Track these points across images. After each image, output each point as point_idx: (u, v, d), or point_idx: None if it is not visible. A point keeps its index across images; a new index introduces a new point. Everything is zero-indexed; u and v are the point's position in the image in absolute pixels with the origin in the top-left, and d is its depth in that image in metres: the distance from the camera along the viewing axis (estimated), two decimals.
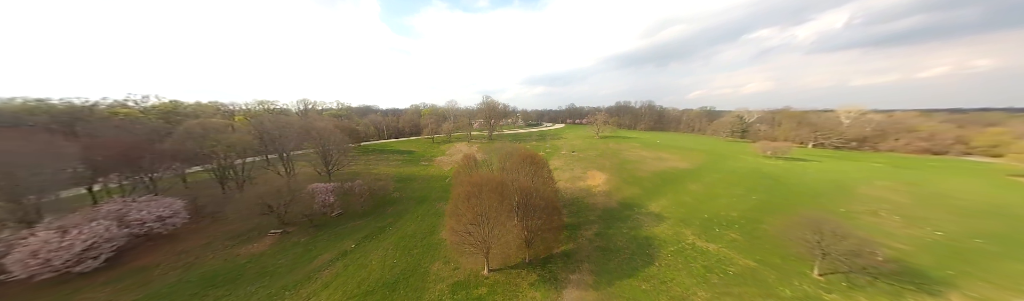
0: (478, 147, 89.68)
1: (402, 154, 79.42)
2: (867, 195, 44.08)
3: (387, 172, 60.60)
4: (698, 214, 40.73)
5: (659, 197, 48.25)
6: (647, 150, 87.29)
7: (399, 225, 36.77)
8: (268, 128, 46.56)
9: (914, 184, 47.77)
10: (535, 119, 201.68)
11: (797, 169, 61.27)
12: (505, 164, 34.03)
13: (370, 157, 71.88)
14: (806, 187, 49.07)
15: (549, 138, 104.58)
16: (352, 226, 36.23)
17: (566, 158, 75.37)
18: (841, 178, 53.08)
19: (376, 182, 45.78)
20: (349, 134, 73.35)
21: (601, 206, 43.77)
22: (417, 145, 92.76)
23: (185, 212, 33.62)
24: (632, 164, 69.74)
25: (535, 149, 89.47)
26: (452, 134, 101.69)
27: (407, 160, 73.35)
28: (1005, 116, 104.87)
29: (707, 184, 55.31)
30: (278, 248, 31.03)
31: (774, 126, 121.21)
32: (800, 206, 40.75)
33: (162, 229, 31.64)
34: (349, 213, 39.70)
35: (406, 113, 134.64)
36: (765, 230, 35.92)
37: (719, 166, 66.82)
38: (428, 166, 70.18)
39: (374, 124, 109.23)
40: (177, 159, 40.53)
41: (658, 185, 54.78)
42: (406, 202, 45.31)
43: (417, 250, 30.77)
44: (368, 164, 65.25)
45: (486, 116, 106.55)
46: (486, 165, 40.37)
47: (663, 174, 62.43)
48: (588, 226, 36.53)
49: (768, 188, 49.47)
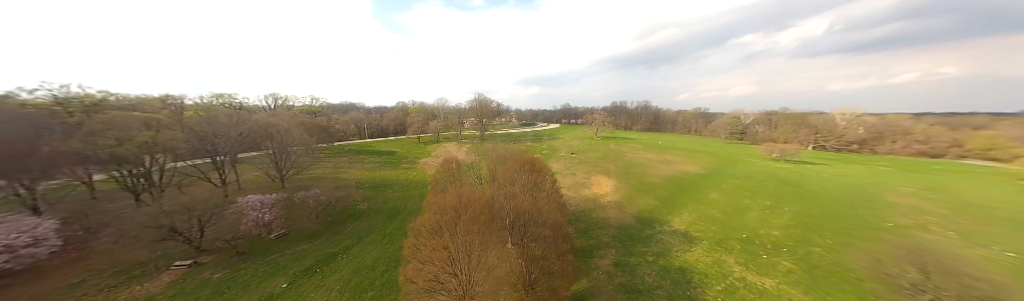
0: (468, 148, 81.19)
1: (382, 155, 70.39)
2: (900, 204, 39.96)
3: (359, 177, 51.69)
4: (733, 233, 33.14)
5: (680, 209, 40.58)
6: (651, 152, 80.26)
7: (357, 251, 28.10)
8: (196, 124, 37.34)
9: (935, 190, 45.17)
10: (530, 119, 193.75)
11: (811, 173, 57.48)
12: (497, 171, 25.77)
13: (343, 159, 62.72)
14: (833, 195, 43.84)
15: (545, 138, 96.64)
16: (293, 253, 27.43)
17: (566, 161, 67.38)
18: (860, 184, 49.63)
19: (338, 191, 37.05)
20: (319, 132, 64.19)
21: (614, 222, 35.77)
22: (401, 145, 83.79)
23: (56, 237, 24.41)
24: (639, 168, 62.17)
25: (531, 150, 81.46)
26: (441, 133, 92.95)
27: (386, 162, 64.41)
28: (990, 119, 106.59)
29: (727, 192, 48.26)
30: (177, 289, 22.14)
31: (772, 128, 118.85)
32: (841, 220, 35.13)
33: (14, 264, 22.48)
34: (295, 234, 30.82)
35: (392, 111, 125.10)
36: (821, 255, 28.91)
37: (731, 170, 60.93)
38: (409, 169, 61.43)
39: (355, 122, 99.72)
40: (79, 163, 31.28)
41: (674, 194, 47.19)
42: (374, 216, 36.59)
43: (374, 291, 22.25)
44: (338, 167, 56.14)
45: (478, 114, 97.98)
46: (472, 171, 31.95)
47: (676, 180, 55.03)
48: (603, 251, 28.41)
49: (794, 197, 43.79)
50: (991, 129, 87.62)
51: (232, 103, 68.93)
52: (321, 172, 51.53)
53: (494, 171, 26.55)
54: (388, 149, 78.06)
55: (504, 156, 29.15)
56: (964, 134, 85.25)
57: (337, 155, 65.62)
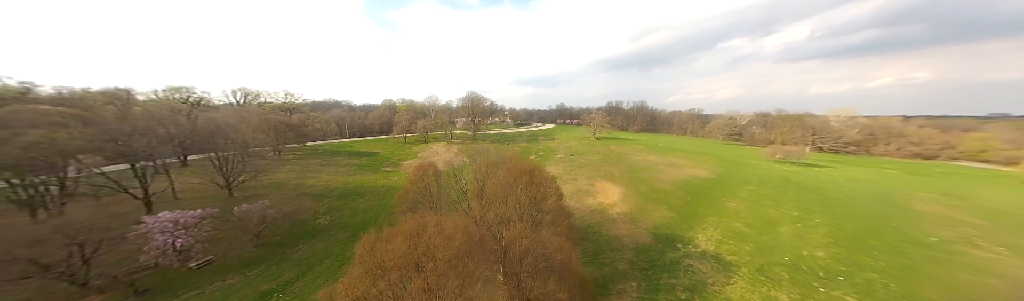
0: (458, 149, 74.63)
1: (362, 157, 63.38)
2: (930, 213, 37.27)
3: (329, 183, 44.73)
4: (772, 255, 27.50)
5: (701, 223, 34.82)
6: (654, 154, 74.92)
7: (301, 286, 21.42)
8: (109, 121, 30.16)
9: (954, 196, 43.09)
10: (524, 119, 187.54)
11: (824, 177, 54.62)
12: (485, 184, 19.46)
13: (315, 161, 55.57)
14: (858, 203, 40.60)
15: (541, 139, 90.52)
16: (214, 290, 20.65)
17: (565, 163, 61.33)
18: (877, 189, 46.90)
19: (294, 201, 30.28)
20: (287, 131, 57.03)
21: (629, 241, 29.66)
22: (385, 145, 76.82)
23: None
24: (645, 172, 56.49)
25: (527, 152, 75.22)
26: (429, 133, 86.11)
27: (365, 165, 57.44)
28: (977, 122, 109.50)
29: (747, 200, 43.09)
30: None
31: (769, 129, 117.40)
32: (881, 235, 31.43)
33: None
34: (225, 261, 23.96)
35: (378, 109, 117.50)
36: (884, 285, 24.68)
37: (742, 174, 56.66)
38: (391, 173, 54.61)
39: (337, 120, 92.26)
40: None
41: (690, 203, 41.50)
42: (335, 234, 29.86)
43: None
44: (306, 171, 49.00)
45: (469, 113, 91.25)
46: (455, 180, 25.49)
47: (687, 186, 49.48)
48: (621, 285, 22.20)
49: (820, 205, 40.00)
50: (979, 132, 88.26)
51: (190, 98, 61.11)
52: (284, 177, 44.48)
53: (482, 182, 20.30)
54: (370, 150, 71.06)
55: (496, 162, 22.84)
56: (955, 136, 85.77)
57: (308, 156, 58.42)
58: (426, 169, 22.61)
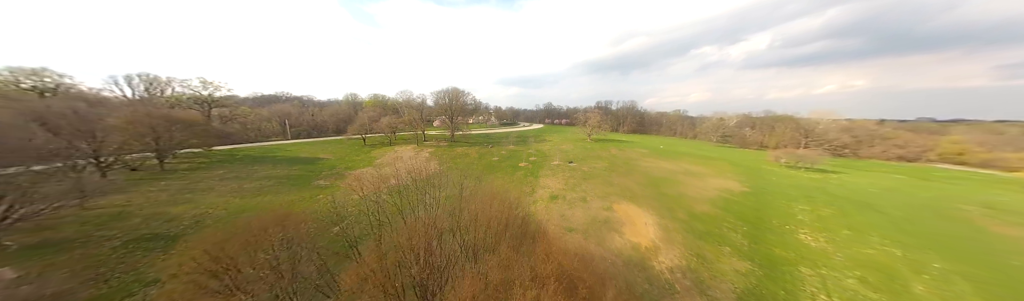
0: (430, 153, 59.94)
1: (294, 165, 47.25)
2: (1018, 238, 29.25)
3: (208, 210, 28.70)
4: None
5: (795, 281, 22.58)
6: (663, 159, 63.39)
7: None
8: None
9: (999, 208, 36.57)
10: (511, 118, 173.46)
11: (855, 187, 46.70)
12: None
13: (216, 172, 39.14)
14: (938, 229, 31.80)
15: (532, 141, 77.17)
16: None
17: (565, 173, 48.04)
18: (921, 202, 39.55)
19: (80, 265, 15.10)
20: (183, 130, 40.44)
21: None
22: (337, 149, 60.90)
23: None
24: (668, 185, 44.29)
25: (515, 157, 61.23)
26: (397, 133, 70.67)
27: (292, 177, 41.45)
28: (941, 125, 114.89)
29: (817, 229, 32.77)
30: None
31: (760, 130, 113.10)
32: None
33: None
34: None
35: (338, 104, 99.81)
36: None
37: (772, 186, 46.29)
38: (326, 188, 38.96)
39: (278, 117, 74.82)
40: None
41: (753, 238, 29.36)
42: None
43: None
44: (187, 190, 32.56)
45: (446, 111, 76.19)
46: (414, 212, 11.30)
47: (729, 206, 37.70)
48: None
49: (903, 233, 30.38)
50: (946, 134, 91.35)
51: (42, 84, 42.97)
52: (139, 201, 28.27)
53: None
54: (312, 154, 55.06)
55: (474, 212, 9.37)
56: (930, 139, 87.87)
57: (213, 166, 41.83)
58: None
